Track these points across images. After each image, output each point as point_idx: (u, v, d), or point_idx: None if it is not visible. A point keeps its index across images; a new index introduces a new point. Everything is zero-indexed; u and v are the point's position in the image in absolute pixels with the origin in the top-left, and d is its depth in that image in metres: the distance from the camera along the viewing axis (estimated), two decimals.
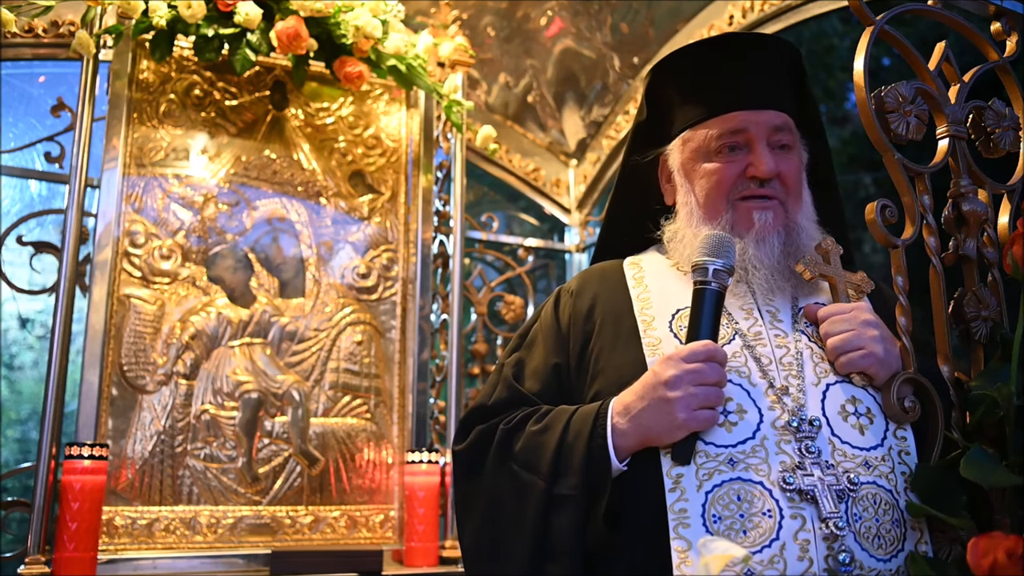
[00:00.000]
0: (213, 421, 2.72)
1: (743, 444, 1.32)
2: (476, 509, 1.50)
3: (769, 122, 1.52)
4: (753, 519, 1.27)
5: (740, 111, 1.52)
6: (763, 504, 1.27)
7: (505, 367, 1.60)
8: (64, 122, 2.85)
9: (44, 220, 2.84)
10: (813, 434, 1.33)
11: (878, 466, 1.31)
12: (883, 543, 1.27)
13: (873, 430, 1.34)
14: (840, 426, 1.34)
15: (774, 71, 1.58)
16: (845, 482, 1.29)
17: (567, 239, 3.91)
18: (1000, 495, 1.23)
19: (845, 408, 1.36)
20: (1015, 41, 1.53)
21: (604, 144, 3.77)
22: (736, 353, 1.41)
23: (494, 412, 1.54)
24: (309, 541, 2.76)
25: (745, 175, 1.51)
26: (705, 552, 1.06)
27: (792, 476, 1.28)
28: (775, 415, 1.34)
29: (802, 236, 1.51)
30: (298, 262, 2.94)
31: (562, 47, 3.58)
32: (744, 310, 1.47)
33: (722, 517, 1.28)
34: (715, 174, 1.53)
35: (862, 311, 1.41)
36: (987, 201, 1.43)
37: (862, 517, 1.27)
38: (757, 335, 1.44)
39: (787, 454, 1.31)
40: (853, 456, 1.32)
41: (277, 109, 3.00)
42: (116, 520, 2.56)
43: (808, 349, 1.42)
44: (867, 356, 1.36)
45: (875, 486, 1.30)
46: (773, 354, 1.41)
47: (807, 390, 1.37)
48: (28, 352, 2.98)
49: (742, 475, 1.30)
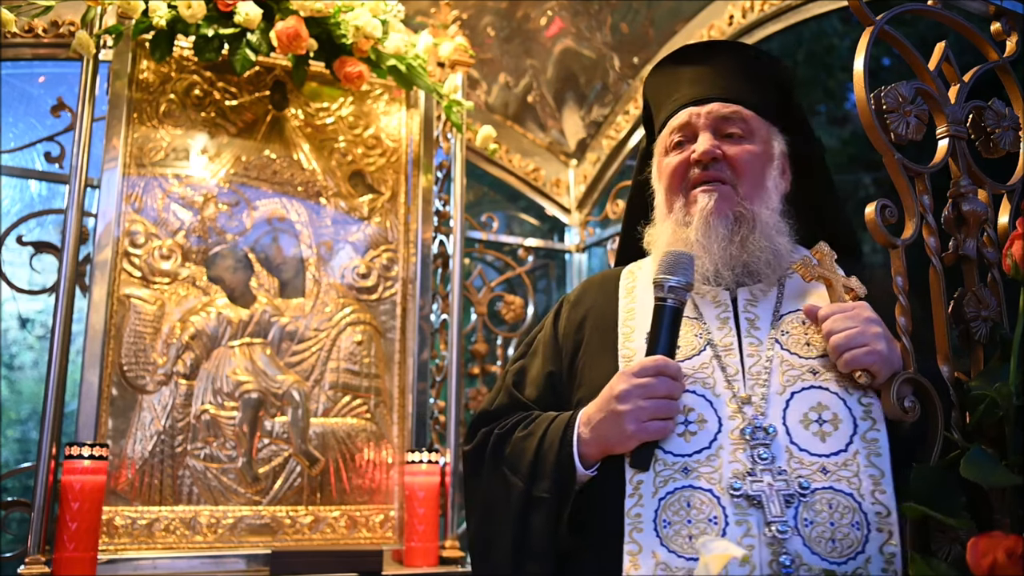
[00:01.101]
0: (213, 421, 2.72)
1: (699, 453, 1.38)
2: (476, 507, 1.61)
3: (714, 112, 1.57)
4: (699, 526, 1.32)
5: (687, 107, 1.60)
6: (710, 511, 1.33)
7: (508, 375, 1.71)
8: (64, 122, 2.85)
9: (44, 220, 2.84)
10: (768, 441, 1.36)
11: (837, 471, 1.33)
12: (838, 546, 1.29)
13: (837, 436, 1.35)
14: (800, 433, 1.37)
15: (732, 71, 1.63)
16: (795, 487, 1.32)
17: (567, 239, 3.91)
18: (1000, 495, 1.24)
19: (808, 416, 1.38)
20: (1015, 41, 1.53)
21: (604, 144, 3.77)
22: (704, 364, 1.46)
23: (495, 417, 1.64)
24: (309, 541, 2.76)
25: (690, 162, 1.56)
26: (705, 552, 1.06)
27: (740, 482, 1.33)
28: (734, 424, 1.38)
29: (758, 227, 1.52)
30: (298, 262, 2.94)
31: (562, 47, 3.58)
32: (720, 319, 1.51)
33: (671, 523, 1.34)
34: (667, 167, 1.60)
35: (864, 309, 1.41)
36: (987, 201, 1.43)
37: (814, 522, 1.30)
38: (728, 346, 1.47)
39: (740, 462, 1.35)
40: (810, 463, 1.34)
41: (277, 109, 3.00)
42: (116, 520, 2.56)
43: (778, 358, 1.44)
44: (871, 353, 1.35)
45: (832, 491, 1.32)
46: (742, 364, 1.45)
47: (770, 398, 1.40)
48: (28, 352, 2.98)
49: (694, 483, 1.35)
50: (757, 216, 1.53)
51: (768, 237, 1.52)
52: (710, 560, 1.04)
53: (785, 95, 1.66)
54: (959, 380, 1.36)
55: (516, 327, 3.63)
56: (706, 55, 1.66)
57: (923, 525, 1.28)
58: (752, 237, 1.51)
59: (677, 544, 1.33)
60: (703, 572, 1.04)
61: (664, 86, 1.68)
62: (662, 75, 1.70)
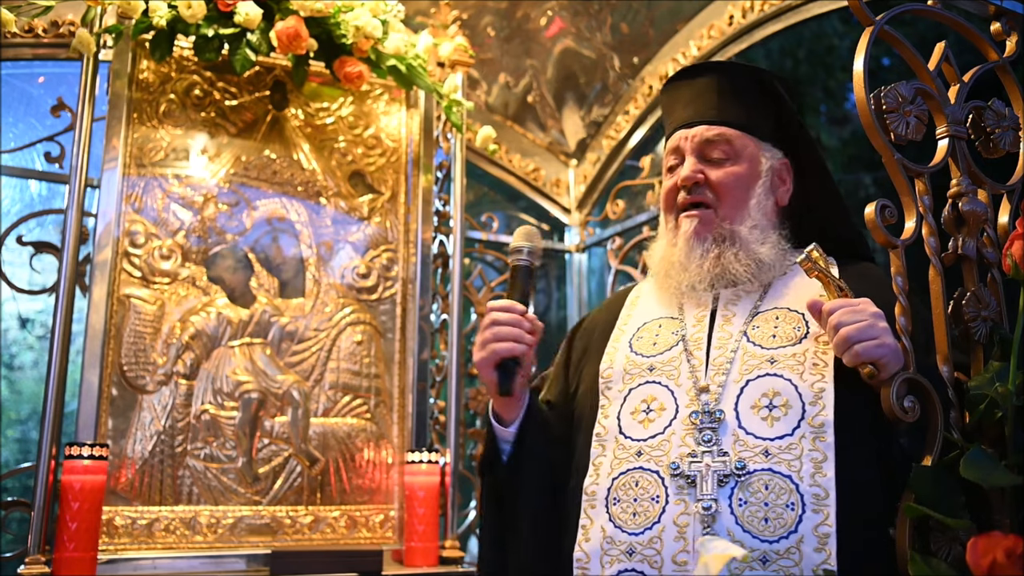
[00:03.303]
0: (213, 421, 2.72)
1: (653, 438, 1.49)
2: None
3: (699, 135, 1.65)
4: (643, 503, 1.44)
5: (679, 129, 1.68)
6: (654, 490, 1.44)
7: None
8: (64, 122, 2.84)
9: (44, 220, 2.83)
10: (714, 425, 1.44)
11: (779, 454, 1.39)
12: (771, 525, 1.35)
13: (785, 421, 1.41)
14: (749, 419, 1.44)
15: (719, 91, 1.69)
16: (732, 468, 1.39)
17: (567, 239, 3.91)
18: (1000, 495, 1.24)
19: (759, 401, 1.45)
20: (1015, 41, 1.53)
21: (604, 144, 3.77)
22: (673, 358, 1.56)
23: None
24: (309, 541, 2.76)
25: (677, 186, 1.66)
26: (704, 552, 1.06)
27: (680, 463, 1.43)
28: (689, 411, 1.47)
29: (737, 243, 1.60)
30: (298, 262, 2.94)
31: (562, 47, 3.58)
32: (697, 318, 1.60)
33: (620, 500, 1.46)
34: (663, 189, 1.70)
35: (870, 304, 1.41)
36: (987, 201, 1.43)
37: (748, 501, 1.37)
38: (698, 340, 1.56)
39: (687, 445, 1.45)
40: (753, 446, 1.41)
41: (277, 109, 3.00)
42: (116, 520, 2.56)
43: (743, 349, 1.51)
44: (882, 346, 1.35)
45: (770, 472, 1.38)
46: (707, 356, 1.53)
47: (727, 386, 1.48)
48: (28, 352, 2.98)
49: (644, 464, 1.47)
50: (736, 234, 1.61)
51: (748, 251, 1.60)
52: (710, 560, 1.04)
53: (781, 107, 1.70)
54: (959, 380, 1.36)
55: None
56: (701, 75, 1.73)
57: (923, 525, 1.28)
58: (729, 253, 1.60)
59: (622, 520, 1.44)
60: (703, 572, 1.04)
61: (667, 106, 1.77)
62: (666, 95, 1.78)
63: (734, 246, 1.59)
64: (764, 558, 1.33)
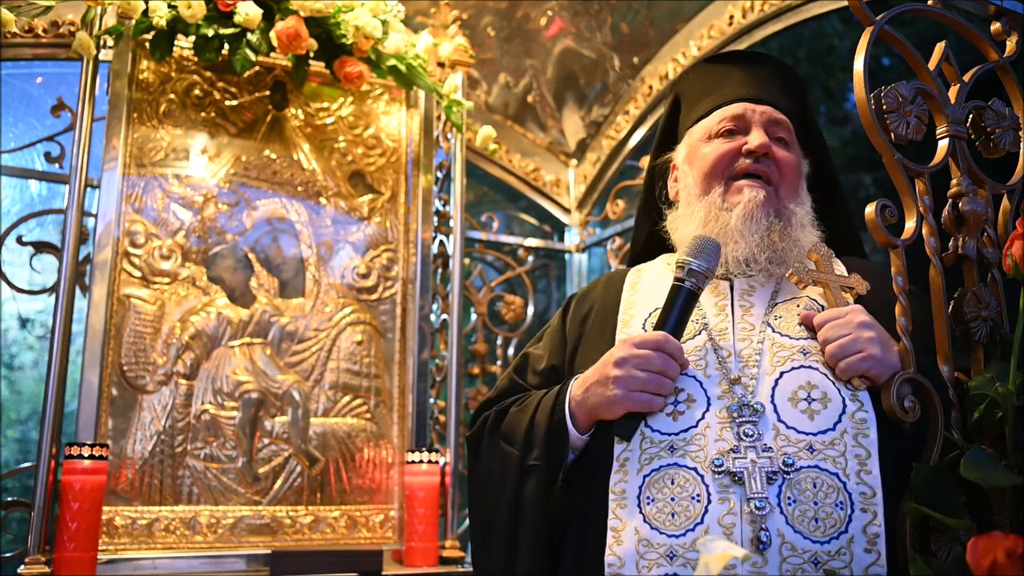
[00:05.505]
0: (213, 421, 2.72)
1: (685, 432, 1.39)
2: (475, 484, 1.66)
3: (768, 114, 1.63)
4: (682, 503, 1.34)
5: (742, 102, 1.65)
6: (693, 489, 1.34)
7: (515, 361, 1.78)
8: (64, 122, 2.85)
9: (44, 220, 2.84)
10: (754, 419, 1.37)
11: (823, 450, 1.34)
12: (821, 525, 1.29)
13: (825, 415, 1.36)
14: (788, 412, 1.38)
15: (778, 83, 1.70)
16: (779, 464, 1.33)
17: (567, 239, 3.91)
18: (1000, 495, 1.23)
19: (797, 394, 1.39)
20: (1015, 41, 1.53)
21: (604, 144, 3.77)
22: (699, 348, 1.48)
23: (496, 400, 1.70)
24: (309, 541, 2.76)
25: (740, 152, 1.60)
26: (705, 552, 1.06)
27: (724, 459, 1.34)
28: (723, 404, 1.40)
29: (794, 225, 1.57)
30: (298, 262, 2.94)
31: (562, 47, 3.58)
32: (718, 307, 1.55)
33: (655, 499, 1.36)
34: (713, 152, 1.63)
35: (858, 314, 1.42)
36: (987, 201, 1.43)
37: (797, 499, 1.31)
38: (723, 330, 1.50)
39: (725, 440, 1.36)
40: (797, 440, 1.35)
41: (277, 109, 3.00)
42: (116, 520, 2.56)
43: (770, 340, 1.46)
44: (866, 359, 1.37)
45: (817, 469, 1.33)
46: (735, 347, 1.47)
47: (760, 378, 1.42)
48: (28, 352, 2.98)
49: (679, 461, 1.37)
50: (795, 216, 1.59)
51: (802, 232, 1.58)
52: (710, 560, 1.04)
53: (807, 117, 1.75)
54: (959, 380, 1.35)
55: (516, 327, 3.63)
56: (756, 61, 1.74)
57: (923, 525, 1.28)
58: (789, 229, 1.57)
59: (660, 521, 1.35)
60: (703, 572, 1.04)
61: (710, 80, 1.73)
62: (708, 70, 1.76)
63: (791, 224, 1.57)
64: (815, 560, 1.27)
